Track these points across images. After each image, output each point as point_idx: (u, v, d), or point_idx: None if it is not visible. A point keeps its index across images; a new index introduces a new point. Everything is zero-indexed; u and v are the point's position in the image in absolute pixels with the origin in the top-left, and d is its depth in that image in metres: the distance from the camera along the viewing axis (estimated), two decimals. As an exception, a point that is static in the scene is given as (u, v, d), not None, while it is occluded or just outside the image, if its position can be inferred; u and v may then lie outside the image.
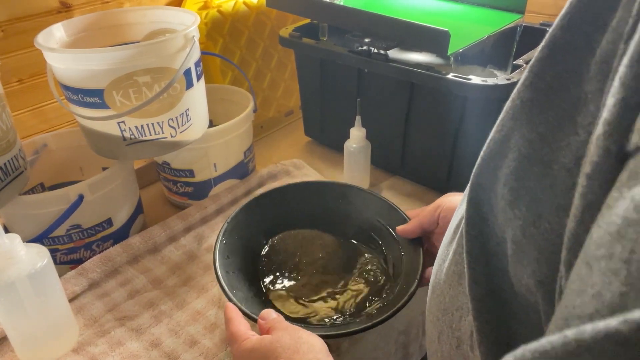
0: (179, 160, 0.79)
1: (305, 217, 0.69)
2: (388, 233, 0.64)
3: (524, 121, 0.25)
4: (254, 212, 0.66)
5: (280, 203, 0.68)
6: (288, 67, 1.10)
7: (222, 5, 0.92)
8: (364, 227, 0.68)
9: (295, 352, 0.41)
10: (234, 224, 0.63)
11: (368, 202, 0.68)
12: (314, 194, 0.70)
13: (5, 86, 0.75)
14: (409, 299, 0.52)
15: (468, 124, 0.76)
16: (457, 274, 0.32)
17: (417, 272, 0.55)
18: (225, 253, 0.59)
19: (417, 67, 0.74)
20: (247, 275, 0.61)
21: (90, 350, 0.57)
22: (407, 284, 0.56)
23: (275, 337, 0.43)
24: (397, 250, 0.62)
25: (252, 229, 0.65)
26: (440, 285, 0.34)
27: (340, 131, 0.85)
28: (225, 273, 0.56)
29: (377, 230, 0.67)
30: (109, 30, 0.75)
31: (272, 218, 0.68)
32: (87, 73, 0.60)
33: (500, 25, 0.80)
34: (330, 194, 0.70)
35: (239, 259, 0.61)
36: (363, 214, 0.68)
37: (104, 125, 0.65)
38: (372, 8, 0.79)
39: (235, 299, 0.52)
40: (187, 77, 0.67)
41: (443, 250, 0.36)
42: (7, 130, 0.61)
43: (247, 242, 0.64)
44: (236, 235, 0.63)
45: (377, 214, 0.67)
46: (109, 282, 0.67)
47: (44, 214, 0.64)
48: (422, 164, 0.86)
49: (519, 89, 0.25)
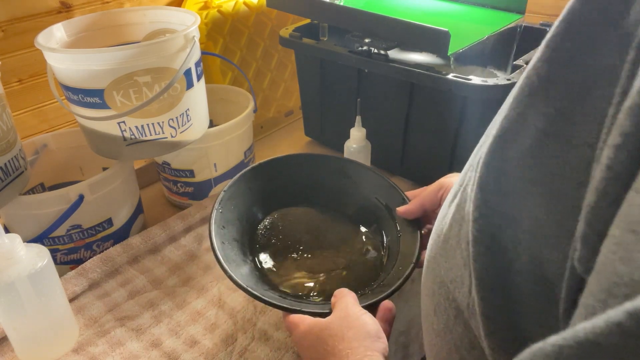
0: (179, 160, 0.79)
1: (302, 191, 0.68)
2: (386, 212, 0.64)
3: (541, 97, 0.24)
4: (251, 182, 0.65)
5: (278, 174, 0.67)
6: (288, 67, 1.10)
7: (223, 5, 0.92)
8: (362, 205, 0.67)
9: (341, 340, 0.43)
10: (231, 193, 0.62)
11: (367, 179, 0.67)
12: (312, 167, 0.68)
13: (5, 86, 0.75)
14: (404, 281, 0.52)
15: (468, 124, 0.76)
16: (452, 247, 0.32)
17: (414, 254, 0.55)
18: (221, 223, 0.58)
19: (417, 67, 0.74)
20: (242, 247, 0.60)
21: (90, 350, 0.57)
22: (403, 265, 0.55)
23: (325, 324, 0.45)
24: (394, 230, 0.61)
25: (248, 200, 0.64)
26: (436, 259, 0.34)
27: (340, 131, 0.85)
28: (221, 244, 0.56)
29: (375, 209, 0.65)
30: (109, 31, 0.75)
31: (269, 190, 0.66)
32: (88, 73, 0.60)
33: (500, 26, 0.80)
34: (329, 168, 0.68)
35: (235, 229, 0.60)
36: (361, 191, 0.67)
37: (104, 125, 0.65)
38: (372, 8, 0.79)
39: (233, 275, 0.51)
40: (188, 77, 0.67)
41: (438, 224, 0.36)
42: (7, 130, 0.61)
43: (242, 214, 0.63)
44: (232, 205, 0.61)
45: (375, 192, 0.66)
46: (109, 282, 0.67)
47: (44, 214, 0.64)
48: (422, 164, 0.86)
49: (535, 64, 0.25)
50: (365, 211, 0.66)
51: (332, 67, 0.88)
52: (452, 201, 0.34)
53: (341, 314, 0.46)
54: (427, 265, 0.37)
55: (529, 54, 0.77)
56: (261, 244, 0.63)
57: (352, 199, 0.67)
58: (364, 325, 0.44)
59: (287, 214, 0.67)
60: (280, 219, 0.67)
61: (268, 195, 0.67)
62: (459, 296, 0.30)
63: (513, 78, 0.69)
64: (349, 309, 0.46)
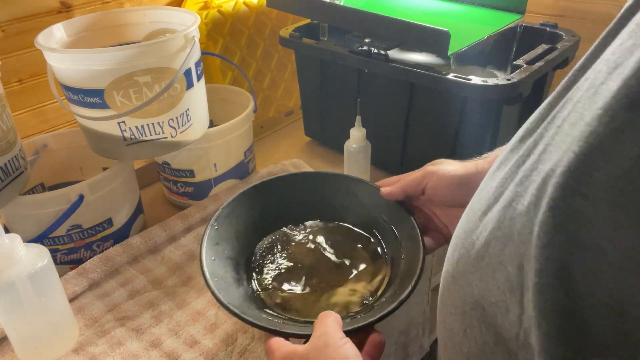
0: (179, 160, 0.79)
1: (305, 210, 0.66)
2: (391, 232, 0.61)
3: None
4: (250, 201, 0.63)
5: (280, 193, 0.65)
6: (288, 67, 1.10)
7: (223, 5, 0.92)
8: (366, 224, 0.65)
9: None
10: (229, 210, 0.60)
11: (373, 198, 0.64)
12: (316, 186, 0.66)
13: (5, 86, 0.75)
14: (397, 307, 0.49)
15: (468, 124, 0.76)
16: (491, 268, 0.29)
17: (412, 279, 0.52)
18: (215, 240, 0.57)
19: (417, 67, 0.74)
20: (236, 266, 0.58)
21: (90, 351, 0.57)
22: (400, 289, 0.52)
23: (303, 353, 0.42)
24: (397, 251, 0.59)
25: (247, 218, 0.62)
26: (466, 276, 0.32)
27: (340, 131, 0.85)
28: (212, 260, 0.54)
29: (379, 229, 0.63)
30: (109, 31, 0.75)
31: (270, 209, 0.65)
32: (88, 73, 0.60)
33: (500, 26, 0.80)
34: (334, 187, 0.66)
35: (230, 247, 0.59)
36: (367, 210, 0.64)
37: (104, 125, 0.65)
38: (372, 8, 0.79)
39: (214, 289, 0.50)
40: (188, 77, 0.67)
41: (466, 237, 0.33)
42: (7, 130, 0.61)
43: (240, 232, 0.61)
44: (229, 223, 0.60)
45: (382, 210, 0.63)
46: (109, 282, 0.67)
47: (44, 214, 0.64)
48: (422, 164, 0.86)
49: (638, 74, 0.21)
50: (369, 229, 0.64)
51: (332, 67, 0.88)
52: (485, 214, 0.32)
53: (319, 342, 0.42)
54: (452, 281, 0.34)
55: (529, 53, 0.78)
56: (259, 262, 0.61)
57: (357, 218, 0.65)
58: (344, 358, 0.40)
59: (288, 233, 0.66)
60: (282, 236, 0.65)
61: (270, 212, 0.65)
62: (501, 323, 0.28)
63: (513, 78, 0.69)
64: (328, 337, 0.42)
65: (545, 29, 0.87)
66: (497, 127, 0.76)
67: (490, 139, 0.77)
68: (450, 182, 0.53)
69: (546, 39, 0.86)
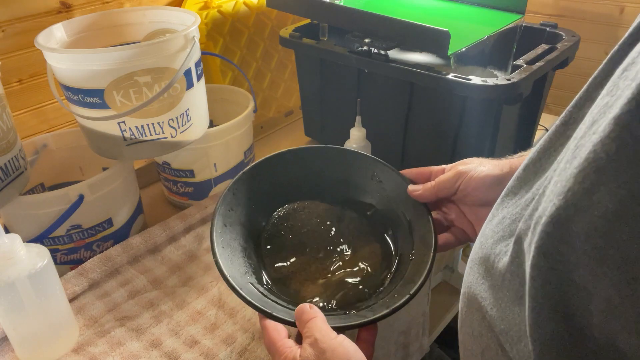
0: (179, 160, 0.79)
1: (326, 186, 0.63)
2: (406, 229, 0.59)
3: (611, 176, 0.22)
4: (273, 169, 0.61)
5: (299, 166, 0.63)
6: (288, 67, 1.10)
7: (223, 5, 0.92)
8: (384, 215, 0.62)
9: None
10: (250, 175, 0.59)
11: (398, 190, 0.60)
12: (344, 163, 0.63)
13: (5, 86, 0.75)
14: (393, 311, 0.48)
15: (468, 124, 0.76)
16: (510, 299, 0.29)
17: (416, 284, 0.51)
18: (224, 221, 0.56)
19: (417, 67, 0.74)
20: (247, 236, 0.57)
21: (90, 351, 0.57)
22: (400, 293, 0.51)
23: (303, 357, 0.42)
24: (409, 250, 0.57)
25: (266, 187, 0.61)
26: (484, 299, 0.32)
27: (340, 131, 0.85)
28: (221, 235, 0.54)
29: (396, 223, 0.61)
30: (109, 31, 0.75)
31: (294, 178, 0.62)
32: (88, 73, 0.60)
33: (500, 26, 0.80)
34: (361, 168, 0.63)
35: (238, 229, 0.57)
36: (388, 201, 0.62)
37: (104, 125, 0.65)
38: (372, 8, 0.79)
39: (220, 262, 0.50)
40: (188, 77, 0.67)
41: (480, 264, 0.33)
42: (7, 130, 0.61)
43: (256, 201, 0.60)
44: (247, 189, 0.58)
45: (403, 205, 0.60)
46: (109, 282, 0.67)
47: (44, 214, 0.64)
48: (422, 164, 0.85)
49: (604, 141, 0.22)
50: (385, 219, 0.62)
51: (332, 67, 0.88)
52: (504, 240, 0.32)
53: (315, 350, 0.41)
54: (468, 303, 0.34)
55: (529, 53, 0.78)
56: (269, 234, 0.60)
57: (377, 204, 0.63)
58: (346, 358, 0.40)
59: (300, 208, 0.63)
60: (292, 213, 0.63)
61: (290, 184, 0.63)
62: (513, 350, 0.29)
63: (513, 78, 0.69)
64: (322, 343, 0.42)
65: (545, 29, 0.87)
66: (497, 127, 0.76)
67: (490, 139, 0.77)
68: (485, 183, 0.51)
69: (546, 39, 0.86)
